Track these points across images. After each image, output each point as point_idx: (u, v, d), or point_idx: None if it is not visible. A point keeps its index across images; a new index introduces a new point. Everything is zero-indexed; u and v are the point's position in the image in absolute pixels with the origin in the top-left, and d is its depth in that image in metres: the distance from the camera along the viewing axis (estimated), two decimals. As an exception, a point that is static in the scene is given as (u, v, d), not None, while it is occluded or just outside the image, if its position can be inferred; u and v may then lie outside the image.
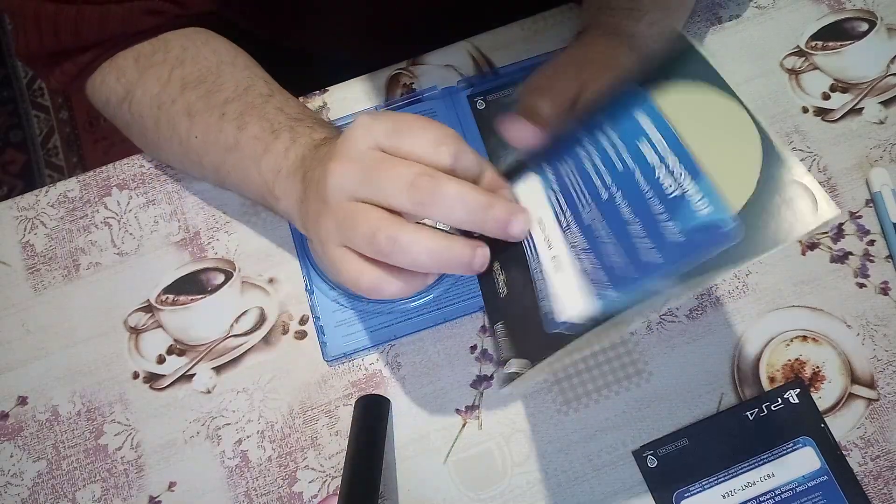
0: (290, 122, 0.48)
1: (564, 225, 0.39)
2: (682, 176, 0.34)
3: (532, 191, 0.41)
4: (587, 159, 0.39)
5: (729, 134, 0.34)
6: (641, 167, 0.36)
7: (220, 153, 0.50)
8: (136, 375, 0.54)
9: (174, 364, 0.54)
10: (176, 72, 0.52)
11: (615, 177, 0.37)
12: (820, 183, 0.56)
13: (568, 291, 0.37)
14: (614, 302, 0.34)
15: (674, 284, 0.33)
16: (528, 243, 0.40)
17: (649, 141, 0.36)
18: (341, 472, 0.50)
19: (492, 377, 0.53)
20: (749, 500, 0.49)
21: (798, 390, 0.51)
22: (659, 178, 0.35)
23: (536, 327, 0.38)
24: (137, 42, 0.53)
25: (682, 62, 0.36)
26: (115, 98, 0.54)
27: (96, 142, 1.51)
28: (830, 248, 0.55)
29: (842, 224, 0.56)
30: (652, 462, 0.50)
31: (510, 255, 0.40)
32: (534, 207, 0.40)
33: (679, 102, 0.35)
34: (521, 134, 0.41)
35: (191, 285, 0.56)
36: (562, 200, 0.39)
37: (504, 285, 0.41)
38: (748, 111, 0.33)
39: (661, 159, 0.35)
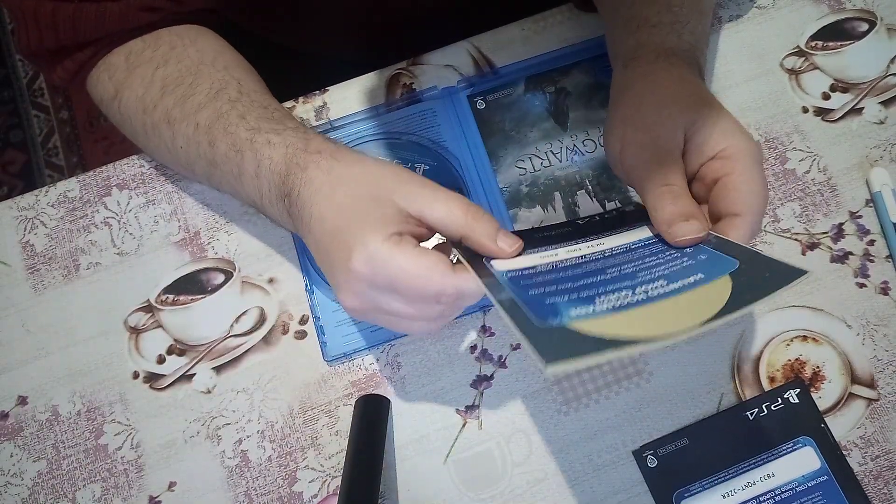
0: (250, 134, 0.47)
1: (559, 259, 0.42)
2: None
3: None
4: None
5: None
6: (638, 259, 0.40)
7: (205, 166, 0.50)
8: (136, 375, 0.54)
9: (174, 364, 0.54)
10: (159, 72, 0.51)
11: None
12: (820, 183, 0.56)
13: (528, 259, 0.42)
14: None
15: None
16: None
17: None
18: (341, 472, 0.50)
19: (492, 377, 0.53)
20: (749, 500, 0.49)
21: (798, 390, 0.51)
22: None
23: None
24: (133, 38, 0.53)
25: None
26: (108, 96, 0.54)
27: (96, 142, 1.51)
28: (830, 248, 0.55)
29: (842, 224, 0.56)
30: (652, 462, 0.50)
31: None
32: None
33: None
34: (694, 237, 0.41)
35: (191, 285, 0.56)
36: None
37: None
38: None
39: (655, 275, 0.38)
